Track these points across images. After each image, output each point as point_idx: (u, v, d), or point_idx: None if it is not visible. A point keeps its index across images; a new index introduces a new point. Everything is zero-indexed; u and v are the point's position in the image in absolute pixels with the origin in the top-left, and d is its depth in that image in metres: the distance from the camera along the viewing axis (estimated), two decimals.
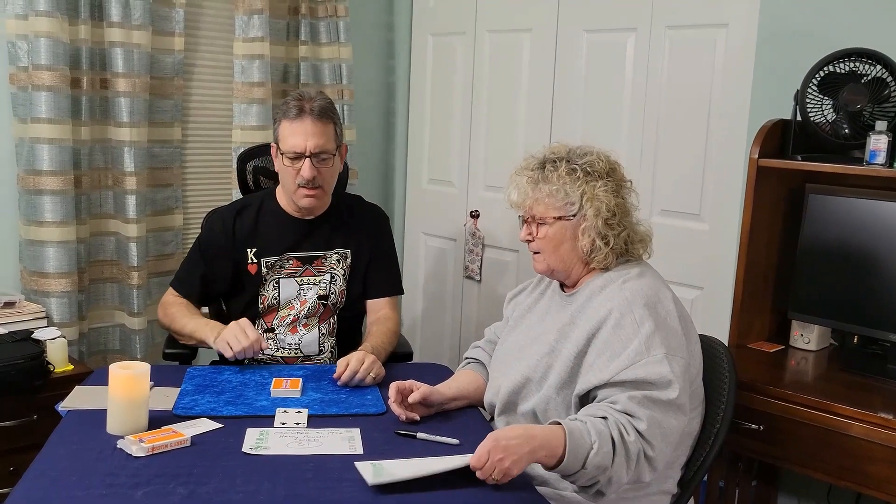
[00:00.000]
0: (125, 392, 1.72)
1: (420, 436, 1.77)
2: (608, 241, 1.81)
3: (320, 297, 2.35)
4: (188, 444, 1.68)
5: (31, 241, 2.83)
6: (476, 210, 3.57)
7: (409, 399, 1.87)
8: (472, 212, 3.58)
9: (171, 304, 2.37)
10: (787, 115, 2.38)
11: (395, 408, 1.86)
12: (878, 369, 2.27)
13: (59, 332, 2.61)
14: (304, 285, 2.35)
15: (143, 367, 1.76)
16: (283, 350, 2.35)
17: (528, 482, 1.66)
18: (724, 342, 2.04)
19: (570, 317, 1.83)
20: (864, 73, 2.29)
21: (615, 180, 1.83)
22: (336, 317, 2.39)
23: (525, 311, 2.02)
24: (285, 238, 2.35)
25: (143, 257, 3.07)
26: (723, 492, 2.43)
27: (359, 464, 1.60)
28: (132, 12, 2.94)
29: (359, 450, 1.70)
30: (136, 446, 1.63)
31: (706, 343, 1.95)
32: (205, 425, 1.78)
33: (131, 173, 2.99)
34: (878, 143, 2.18)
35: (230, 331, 2.13)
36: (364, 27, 3.75)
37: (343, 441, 1.73)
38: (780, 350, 2.47)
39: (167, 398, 1.92)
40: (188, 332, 2.27)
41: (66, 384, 2.30)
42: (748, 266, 2.42)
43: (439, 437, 1.76)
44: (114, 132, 3.00)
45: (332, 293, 2.36)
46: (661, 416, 1.64)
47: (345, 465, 1.62)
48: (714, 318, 2.76)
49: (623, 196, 1.85)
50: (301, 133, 2.22)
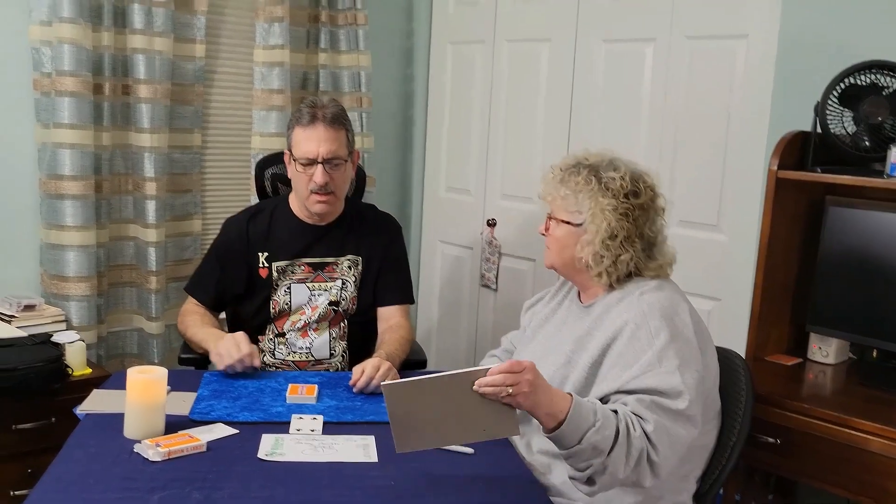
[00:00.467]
0: (142, 396, 1.73)
1: None
2: (603, 261, 1.80)
3: (331, 304, 2.36)
4: (204, 449, 1.69)
5: (52, 244, 2.86)
6: (493, 218, 3.57)
7: None
8: (488, 220, 3.59)
9: (188, 313, 2.39)
10: (807, 127, 2.36)
11: None
12: None
13: (77, 336, 2.63)
14: (315, 291, 2.36)
15: (161, 372, 1.78)
16: (294, 354, 2.36)
17: (543, 493, 1.66)
18: (742, 354, 2.03)
19: (587, 328, 1.83)
20: (885, 85, 2.28)
21: (632, 203, 1.79)
22: (346, 321, 2.40)
23: (542, 321, 2.02)
24: (297, 243, 2.37)
25: (161, 262, 3.09)
26: None
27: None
28: (154, 19, 2.97)
29: (373, 457, 1.70)
30: (152, 451, 1.64)
31: (723, 355, 1.94)
32: (221, 430, 1.79)
33: (151, 179, 3.02)
34: None
35: (224, 343, 2.14)
36: (383, 35, 3.77)
37: (358, 448, 1.74)
38: (798, 363, 2.45)
39: (184, 403, 1.93)
40: (197, 342, 2.29)
41: (84, 387, 2.31)
42: (766, 278, 2.41)
43: (454, 446, 1.75)
44: (135, 138, 3.03)
45: (344, 299, 2.37)
46: (668, 423, 1.63)
47: (359, 473, 1.62)
48: (731, 329, 2.75)
49: (634, 221, 1.80)
50: (314, 139, 2.24)
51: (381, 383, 1.63)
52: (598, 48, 3.14)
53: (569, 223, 1.85)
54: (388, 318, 2.43)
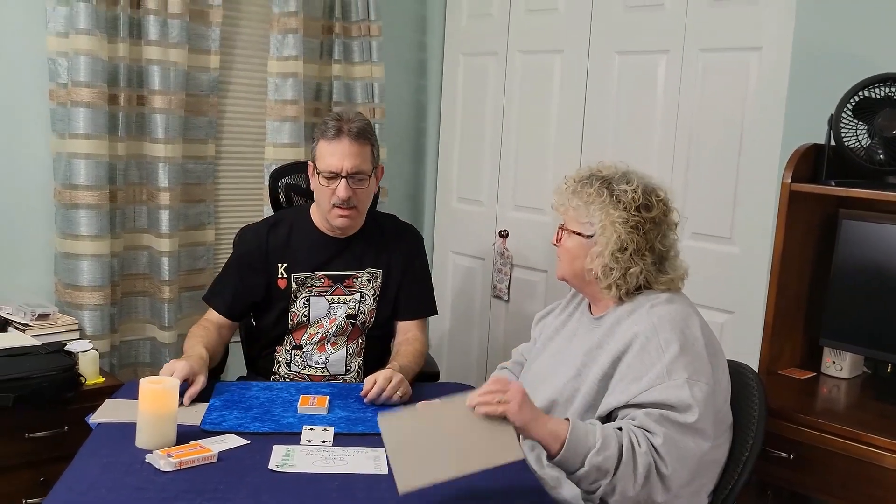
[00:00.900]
0: (154, 407, 1.74)
1: None
2: (613, 274, 1.80)
3: (349, 317, 2.36)
4: (215, 459, 1.70)
5: (66, 254, 2.88)
6: (505, 230, 3.57)
7: None
8: (501, 231, 3.58)
9: (195, 325, 2.36)
10: (821, 140, 2.36)
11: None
12: None
13: (91, 345, 2.64)
14: (334, 304, 2.36)
15: (173, 382, 1.79)
16: (309, 368, 2.36)
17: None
18: (754, 368, 2.02)
19: (597, 340, 1.83)
20: None
21: (643, 217, 1.79)
22: (364, 336, 2.40)
23: (553, 333, 2.01)
24: (317, 255, 2.36)
25: (174, 272, 3.10)
26: None
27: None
28: (169, 31, 3.00)
29: (384, 469, 1.69)
30: (164, 461, 1.64)
31: (735, 369, 1.93)
32: (232, 441, 1.79)
33: (165, 189, 3.04)
34: None
35: (165, 366, 2.03)
36: (396, 47, 3.78)
37: (368, 460, 1.74)
38: (812, 377, 2.43)
39: (195, 413, 1.94)
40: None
41: (97, 396, 2.32)
42: (780, 291, 2.39)
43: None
44: (149, 148, 3.05)
45: (362, 312, 2.37)
46: (678, 436, 1.63)
47: (370, 485, 1.62)
48: (744, 342, 2.73)
49: (645, 234, 1.79)
50: (339, 153, 2.23)
51: (378, 416, 1.62)
52: (611, 60, 3.14)
53: (580, 234, 1.85)
54: (406, 330, 2.43)
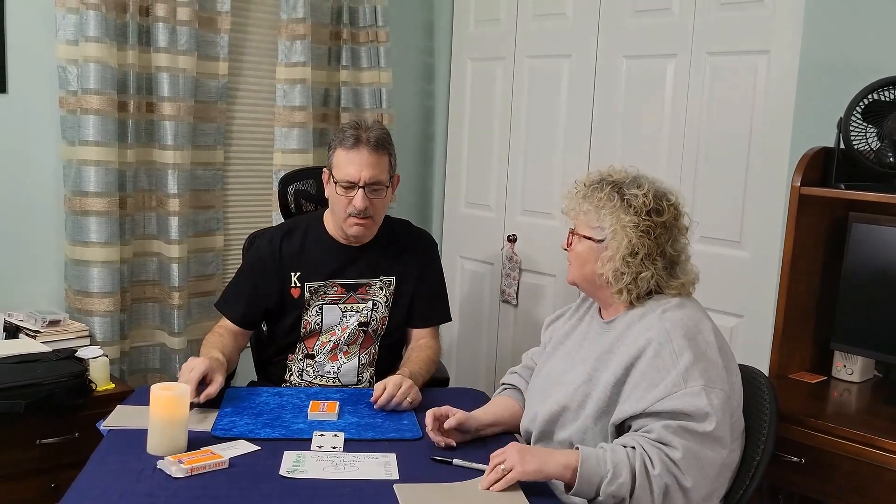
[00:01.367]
0: (165, 413, 1.74)
1: (456, 462, 1.76)
2: (623, 278, 1.80)
3: (360, 325, 2.35)
4: (226, 465, 1.70)
5: (77, 261, 2.89)
6: (513, 234, 3.57)
7: (445, 425, 1.87)
8: (509, 236, 3.58)
9: (210, 333, 2.36)
10: (830, 143, 2.35)
11: (433, 435, 1.86)
12: None
13: (101, 351, 2.65)
14: (346, 312, 2.35)
15: (184, 389, 1.79)
16: (320, 378, 2.36)
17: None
18: (765, 372, 2.01)
19: (608, 345, 1.82)
20: None
21: (654, 221, 1.79)
22: (377, 346, 2.39)
23: (563, 338, 2.01)
24: (330, 264, 2.35)
25: (184, 278, 3.11)
26: None
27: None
28: (178, 38, 3.01)
29: (394, 475, 1.70)
30: (175, 467, 1.65)
31: (746, 373, 1.92)
32: (243, 447, 1.80)
33: (174, 195, 3.05)
34: None
35: (185, 365, 2.03)
36: (404, 52, 3.79)
37: (379, 466, 1.74)
38: (823, 381, 2.43)
39: (206, 419, 1.94)
40: None
41: (108, 402, 2.33)
42: (790, 295, 2.39)
43: (475, 464, 1.75)
44: (158, 155, 3.06)
45: (374, 320, 2.37)
46: (697, 447, 1.63)
47: (380, 491, 1.62)
48: (754, 346, 2.73)
49: (656, 239, 1.79)
50: (356, 163, 2.22)
51: (395, 486, 1.63)
52: (619, 64, 3.14)
53: (590, 239, 1.85)
54: (418, 337, 2.43)
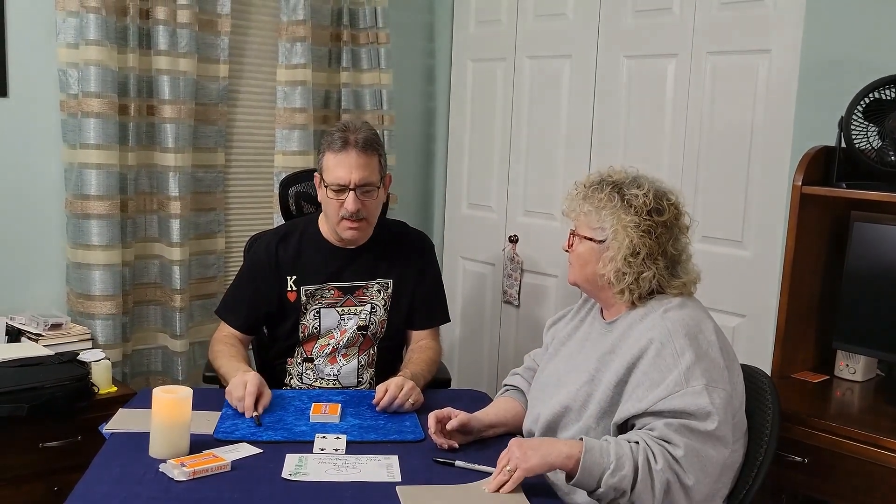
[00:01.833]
0: (168, 416, 1.74)
1: (458, 464, 1.76)
2: (625, 278, 1.79)
3: (360, 328, 2.35)
4: (228, 468, 1.70)
5: (78, 264, 2.89)
6: (515, 235, 3.57)
7: (448, 426, 1.87)
8: (510, 236, 3.58)
9: (217, 342, 2.35)
10: (831, 142, 2.35)
11: (435, 437, 1.86)
12: None
13: (103, 354, 2.65)
14: (344, 315, 2.35)
15: (186, 392, 1.79)
16: (321, 380, 2.36)
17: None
18: (767, 372, 2.01)
19: (610, 345, 1.82)
20: None
21: (655, 221, 1.79)
22: (376, 347, 2.39)
23: (565, 339, 2.01)
24: (327, 267, 2.35)
25: (185, 280, 3.11)
26: None
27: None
28: (178, 40, 3.01)
29: (397, 477, 1.70)
30: (177, 470, 1.65)
31: (748, 373, 1.92)
32: (245, 450, 1.80)
33: (176, 198, 3.05)
34: None
35: (234, 381, 2.06)
36: (405, 54, 3.79)
37: (381, 468, 1.74)
38: (825, 380, 2.42)
39: (208, 422, 1.94)
40: (222, 374, 2.23)
41: (110, 405, 2.34)
42: (792, 294, 2.38)
43: (478, 466, 1.75)
44: (159, 157, 3.06)
45: (372, 323, 2.36)
46: (699, 445, 1.63)
47: (383, 493, 1.62)
48: (756, 346, 2.72)
49: (657, 238, 1.79)
50: (345, 166, 2.21)
51: (398, 487, 1.63)
52: (620, 64, 3.14)
53: (591, 239, 1.85)
54: (418, 338, 2.43)
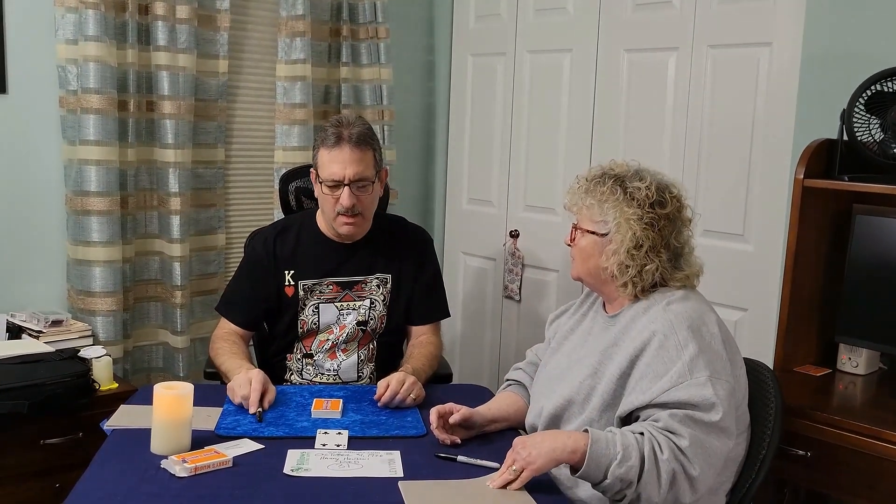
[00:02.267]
0: (169, 412, 1.74)
1: (461, 459, 1.76)
2: (629, 271, 1.79)
3: (359, 324, 2.35)
4: (230, 464, 1.70)
5: (79, 260, 2.88)
6: (516, 230, 3.56)
7: (450, 421, 1.87)
8: (511, 231, 3.58)
9: (218, 339, 2.34)
10: (833, 135, 2.34)
11: (437, 432, 1.86)
12: None
13: (104, 351, 2.65)
14: (343, 310, 2.35)
15: (187, 388, 1.78)
16: (321, 376, 2.35)
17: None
18: (769, 365, 2.01)
19: (613, 338, 1.82)
20: None
21: (657, 213, 1.78)
22: (375, 342, 2.39)
23: (567, 333, 2.01)
24: (324, 262, 2.35)
25: (186, 277, 3.11)
26: None
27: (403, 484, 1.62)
28: (178, 36, 3.00)
29: (399, 472, 1.69)
30: (179, 466, 1.64)
31: (751, 366, 1.92)
32: (246, 446, 1.79)
33: (176, 194, 3.04)
34: None
35: (237, 378, 2.06)
36: (405, 49, 3.78)
37: (383, 463, 1.73)
38: (828, 374, 2.42)
39: (209, 418, 1.94)
40: (224, 371, 2.23)
41: (111, 402, 2.34)
42: (794, 288, 2.38)
43: (480, 461, 1.74)
44: (159, 154, 3.05)
45: (372, 319, 2.36)
46: (703, 436, 1.63)
47: (385, 488, 1.62)
48: (759, 340, 2.72)
49: (660, 231, 1.79)
50: (339, 161, 2.20)
51: (400, 483, 1.63)
52: (620, 58, 3.13)
53: (594, 233, 1.84)
54: (419, 334, 2.43)
